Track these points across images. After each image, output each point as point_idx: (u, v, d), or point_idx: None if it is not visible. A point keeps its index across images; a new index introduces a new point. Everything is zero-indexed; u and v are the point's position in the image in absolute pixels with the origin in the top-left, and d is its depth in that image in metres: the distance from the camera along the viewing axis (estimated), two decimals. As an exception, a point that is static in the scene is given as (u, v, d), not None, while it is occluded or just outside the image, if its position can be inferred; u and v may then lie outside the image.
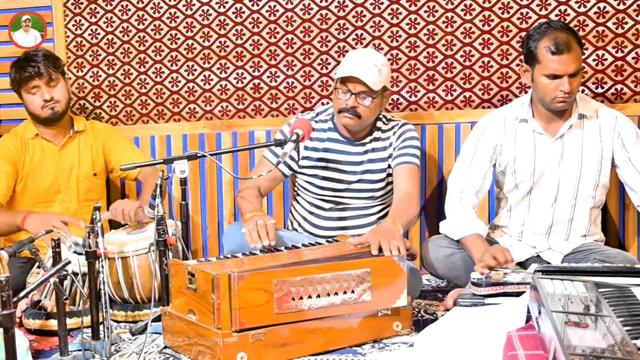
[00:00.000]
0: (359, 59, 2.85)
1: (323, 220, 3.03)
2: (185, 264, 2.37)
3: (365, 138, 2.97)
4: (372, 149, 2.97)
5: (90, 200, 3.26)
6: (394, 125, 3.00)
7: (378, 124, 2.99)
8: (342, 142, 2.97)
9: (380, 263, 2.41)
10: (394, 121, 3.02)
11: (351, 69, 2.80)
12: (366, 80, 2.78)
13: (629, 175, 2.82)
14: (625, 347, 1.62)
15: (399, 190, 2.87)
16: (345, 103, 2.82)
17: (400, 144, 2.95)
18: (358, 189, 2.98)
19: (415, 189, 2.86)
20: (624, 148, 2.80)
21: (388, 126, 3.00)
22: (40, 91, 3.13)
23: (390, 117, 3.04)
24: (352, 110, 2.82)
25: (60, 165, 3.22)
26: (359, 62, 2.83)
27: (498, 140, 2.90)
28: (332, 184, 2.98)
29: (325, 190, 2.99)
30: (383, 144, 2.97)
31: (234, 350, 2.20)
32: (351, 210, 3.01)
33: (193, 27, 3.51)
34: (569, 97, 2.71)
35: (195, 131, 3.57)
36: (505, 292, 2.41)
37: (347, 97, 2.82)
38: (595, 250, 2.78)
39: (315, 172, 2.98)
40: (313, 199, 3.03)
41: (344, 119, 2.85)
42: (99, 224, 2.44)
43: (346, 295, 2.36)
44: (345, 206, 3.01)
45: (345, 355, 2.32)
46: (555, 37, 2.68)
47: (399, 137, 2.96)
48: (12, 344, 1.83)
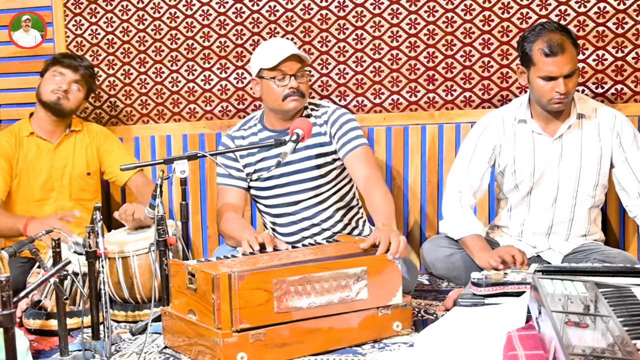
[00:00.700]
0: (280, 44, 2.93)
1: (287, 227, 3.00)
2: (186, 264, 2.37)
3: None
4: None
5: (83, 199, 3.27)
6: (324, 112, 2.96)
7: (305, 111, 2.96)
8: (274, 136, 2.93)
9: (376, 261, 2.42)
10: (324, 107, 2.98)
11: (282, 52, 2.82)
12: (301, 55, 2.85)
13: (624, 175, 2.82)
14: (625, 347, 1.62)
15: (358, 179, 2.81)
16: (288, 88, 2.82)
17: (338, 132, 2.90)
18: (301, 179, 2.93)
19: (372, 168, 2.81)
20: (621, 147, 2.81)
21: (319, 111, 2.97)
22: (62, 78, 3.18)
23: (319, 103, 3.03)
24: (297, 91, 2.83)
25: (54, 163, 3.23)
26: (282, 45, 2.89)
27: (497, 141, 2.91)
28: (276, 181, 2.94)
29: (272, 190, 2.96)
30: (317, 130, 2.92)
31: (234, 350, 2.20)
32: (309, 209, 2.96)
33: (193, 27, 3.52)
34: (565, 98, 2.71)
35: (196, 131, 3.57)
36: (506, 292, 2.41)
37: (286, 81, 2.83)
38: (595, 250, 2.78)
39: (259, 175, 2.92)
40: (268, 208, 3.01)
41: (290, 103, 2.84)
42: (99, 224, 2.44)
43: (344, 294, 2.36)
44: (301, 205, 2.96)
45: (345, 355, 2.32)
46: (549, 38, 2.68)
47: (333, 125, 2.92)
48: (12, 344, 1.83)
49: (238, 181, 2.97)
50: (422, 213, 3.43)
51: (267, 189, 2.98)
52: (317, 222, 2.98)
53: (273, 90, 2.85)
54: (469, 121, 3.28)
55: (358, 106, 3.40)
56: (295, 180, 2.95)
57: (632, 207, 2.82)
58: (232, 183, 2.97)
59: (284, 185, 2.96)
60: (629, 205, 2.84)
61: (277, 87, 2.84)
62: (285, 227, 3.01)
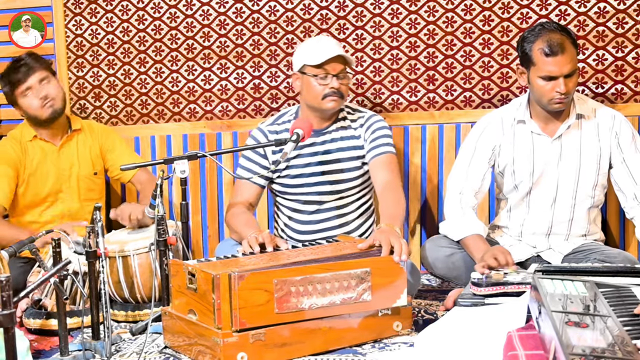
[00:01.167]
0: (327, 42, 2.92)
1: (301, 225, 3.02)
2: (186, 264, 2.37)
3: (331, 126, 2.96)
4: (341, 137, 2.96)
5: (91, 199, 3.26)
6: (361, 116, 2.99)
7: (342, 113, 2.98)
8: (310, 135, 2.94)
9: (380, 263, 2.41)
10: (361, 112, 3.02)
11: (328, 52, 2.83)
12: (346, 56, 2.85)
13: (621, 176, 2.82)
14: (626, 347, 1.62)
15: (378, 184, 2.85)
16: (328, 87, 2.83)
17: (371, 136, 2.93)
18: (330, 181, 2.95)
19: (394, 175, 2.84)
20: (619, 148, 2.81)
21: (355, 116, 3.00)
22: (33, 91, 3.11)
23: (356, 107, 3.05)
24: (337, 92, 2.84)
25: (60, 165, 3.22)
26: (329, 44, 2.89)
27: (496, 141, 2.91)
28: (304, 180, 2.96)
29: (299, 188, 2.98)
30: (352, 133, 2.96)
31: (234, 350, 2.20)
32: (329, 211, 2.99)
33: (193, 27, 3.52)
34: (566, 98, 2.71)
35: (196, 131, 3.57)
36: (506, 292, 2.41)
37: (327, 80, 2.83)
38: (595, 250, 2.78)
39: (288, 172, 2.96)
40: (291, 202, 3.02)
41: (329, 102, 2.85)
42: (99, 224, 2.44)
43: (346, 295, 2.36)
44: (323, 206, 2.98)
45: (345, 355, 2.32)
46: (549, 38, 2.68)
47: (368, 129, 2.95)
48: (13, 343, 1.83)
49: (257, 178, 2.97)
50: (422, 213, 3.43)
51: (293, 187, 2.99)
52: (335, 224, 3.00)
53: (314, 88, 2.86)
54: (469, 121, 3.28)
55: (359, 105, 3.40)
56: (322, 180, 2.96)
57: (629, 208, 2.82)
58: (251, 179, 2.96)
59: (311, 185, 2.97)
60: (626, 207, 2.84)
61: (318, 85, 2.85)
62: (302, 224, 3.02)
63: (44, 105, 3.12)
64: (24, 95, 3.12)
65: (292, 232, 3.05)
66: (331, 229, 2.99)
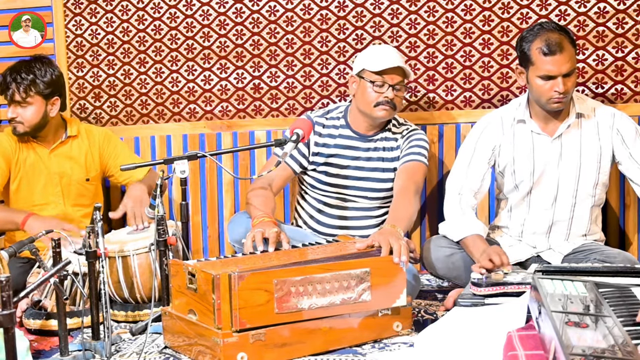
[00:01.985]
0: (390, 52, 2.95)
1: (328, 218, 3.05)
2: (186, 264, 2.37)
3: (377, 135, 3.00)
4: (383, 147, 2.99)
5: (81, 205, 3.25)
6: (405, 129, 3.03)
7: (389, 124, 3.02)
8: (354, 138, 3.00)
9: (380, 263, 2.42)
10: (406, 125, 3.06)
11: (389, 61, 2.85)
12: (406, 69, 2.88)
13: (632, 171, 2.82)
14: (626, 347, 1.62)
15: (395, 188, 2.89)
16: (383, 96, 2.85)
17: (407, 145, 2.97)
18: (365, 187, 3.00)
19: (411, 183, 2.86)
20: (624, 144, 2.81)
21: (400, 129, 3.03)
22: (9, 108, 3.11)
23: (402, 121, 3.08)
24: (390, 102, 2.86)
25: (51, 169, 3.20)
26: (392, 54, 2.92)
27: (496, 141, 2.91)
28: (340, 181, 3.00)
29: (333, 187, 3.01)
30: (393, 144, 3.00)
31: (235, 350, 2.20)
32: (356, 211, 3.03)
33: (193, 27, 3.52)
34: (564, 98, 2.72)
35: (196, 131, 3.57)
36: (506, 292, 2.41)
37: (383, 89, 2.85)
38: (595, 251, 2.78)
39: (326, 169, 3.00)
40: (321, 196, 3.05)
41: (380, 111, 2.87)
42: (99, 224, 2.44)
43: (346, 295, 2.36)
44: (351, 204, 3.03)
45: (345, 355, 2.32)
46: (547, 38, 2.68)
47: (406, 140, 2.99)
48: (13, 344, 1.83)
49: (293, 162, 2.99)
50: (422, 213, 3.43)
51: (327, 184, 3.01)
52: (361, 225, 3.03)
53: (368, 94, 2.88)
54: (469, 121, 3.28)
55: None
56: (357, 185, 3.00)
57: None
58: (287, 161, 2.96)
59: (345, 187, 3.01)
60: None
61: (373, 92, 2.87)
62: (329, 217, 3.05)
63: (11, 122, 3.12)
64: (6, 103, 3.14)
65: (316, 224, 3.07)
66: (357, 228, 3.01)
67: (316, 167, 3.01)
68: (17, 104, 3.09)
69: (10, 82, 3.08)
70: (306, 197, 3.11)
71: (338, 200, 3.03)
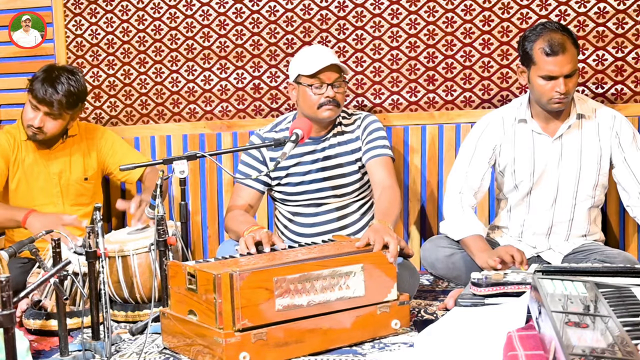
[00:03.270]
0: (321, 51, 2.95)
1: (303, 228, 3.04)
2: (185, 264, 2.37)
3: (329, 134, 2.98)
4: (338, 142, 2.98)
5: (80, 204, 3.25)
6: (357, 118, 3.02)
7: (337, 119, 3.00)
8: (308, 143, 2.97)
9: (372, 259, 2.44)
10: (356, 114, 3.04)
11: (322, 61, 2.84)
12: (340, 65, 2.86)
13: (624, 176, 2.82)
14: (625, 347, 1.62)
15: (377, 186, 2.87)
16: (324, 97, 2.84)
17: (367, 137, 2.96)
18: (333, 186, 2.98)
19: (392, 180, 2.87)
20: (620, 147, 2.81)
21: (351, 119, 3.02)
22: (35, 114, 3.05)
23: (351, 112, 3.07)
24: (333, 100, 2.85)
25: (50, 169, 3.20)
26: (323, 54, 2.90)
27: (497, 141, 2.91)
28: (307, 187, 2.99)
29: (302, 195, 3.00)
30: (349, 137, 2.98)
31: (237, 350, 2.20)
32: (331, 212, 3.01)
33: (193, 28, 3.52)
34: (565, 98, 2.72)
35: (196, 131, 3.57)
36: (506, 292, 2.41)
37: (323, 90, 2.84)
38: (595, 251, 2.78)
39: (289, 180, 2.99)
40: (293, 207, 3.04)
41: (325, 112, 2.86)
42: (99, 224, 2.44)
43: (341, 291, 2.38)
44: (324, 208, 3.01)
45: (345, 356, 2.32)
46: (550, 38, 2.68)
47: (364, 130, 2.97)
48: (12, 344, 1.83)
49: (256, 183, 2.99)
50: (422, 213, 3.43)
51: (294, 194, 3.01)
52: (336, 226, 3.02)
53: (309, 98, 2.87)
54: (469, 121, 3.28)
55: (358, 106, 3.40)
56: (324, 186, 2.99)
57: (633, 206, 2.82)
58: (250, 184, 2.98)
59: (312, 192, 2.99)
60: (630, 205, 2.84)
61: (313, 95, 2.86)
62: (302, 226, 3.04)
63: (29, 127, 3.08)
64: (30, 105, 3.07)
65: (292, 234, 3.06)
66: (332, 231, 2.99)
67: (279, 181, 3.00)
68: (48, 115, 3.05)
69: (52, 93, 3.00)
70: (280, 211, 3.11)
71: (310, 208, 3.02)
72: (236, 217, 2.89)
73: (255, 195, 3.00)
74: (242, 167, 3.03)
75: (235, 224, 2.85)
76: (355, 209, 3.04)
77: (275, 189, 3.03)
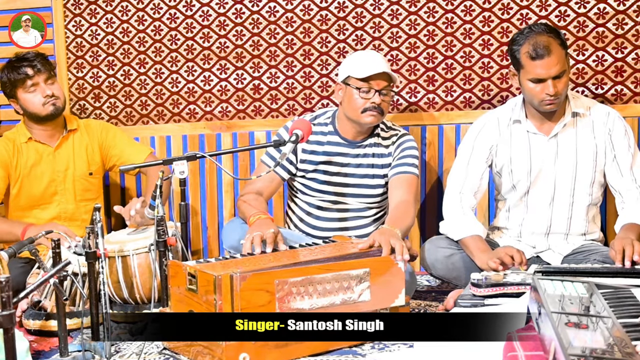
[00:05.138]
0: (374, 57, 2.93)
1: (320, 221, 3.04)
2: (185, 264, 2.37)
3: (365, 141, 2.98)
4: (373, 154, 2.98)
5: (87, 200, 3.26)
6: (394, 134, 3.02)
7: (377, 129, 3.00)
8: (343, 144, 2.98)
9: (379, 263, 2.42)
10: (394, 130, 3.04)
11: (374, 67, 2.84)
12: (391, 74, 2.86)
13: (613, 175, 2.83)
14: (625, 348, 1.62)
15: (393, 199, 2.88)
16: (370, 102, 2.85)
17: (399, 154, 2.96)
18: (357, 194, 3.00)
19: (411, 196, 2.87)
20: (611, 144, 2.82)
21: (388, 134, 3.02)
22: (39, 88, 3.11)
23: (390, 125, 3.06)
24: (378, 107, 2.85)
25: (55, 167, 3.21)
26: (376, 60, 2.90)
27: (493, 142, 2.91)
28: (331, 187, 2.99)
29: (324, 194, 3.01)
30: (383, 151, 2.99)
31: (236, 351, 2.20)
32: (349, 212, 3.03)
33: (193, 28, 3.52)
34: (557, 99, 2.73)
35: (195, 132, 3.57)
36: (505, 293, 2.41)
37: (370, 95, 2.84)
38: (595, 251, 2.78)
39: (315, 176, 2.99)
40: (312, 199, 3.04)
41: (368, 117, 2.87)
42: (99, 224, 2.43)
43: (346, 295, 2.36)
44: (343, 207, 3.02)
45: (345, 356, 2.32)
46: (535, 41, 2.69)
47: (398, 147, 2.98)
48: (12, 344, 1.83)
49: (281, 169, 2.98)
50: (422, 213, 3.43)
51: (317, 191, 3.01)
52: (353, 225, 3.03)
53: (355, 101, 2.87)
54: (469, 122, 3.28)
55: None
56: (347, 192, 3.00)
57: (617, 204, 2.85)
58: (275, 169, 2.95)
59: (334, 194, 3.00)
60: (618, 204, 2.86)
61: (359, 99, 2.86)
62: (320, 220, 3.05)
63: (47, 103, 3.12)
64: (27, 91, 3.11)
65: (307, 227, 3.07)
66: (349, 229, 3.02)
67: (305, 174, 3.01)
68: (45, 80, 3.12)
69: (33, 62, 3.11)
70: (296, 201, 3.11)
71: (329, 203, 3.03)
72: (249, 200, 2.90)
73: (275, 179, 3.00)
74: (272, 150, 3.01)
75: (245, 206, 2.87)
76: (372, 214, 3.05)
77: (298, 180, 3.04)
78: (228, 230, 2.92)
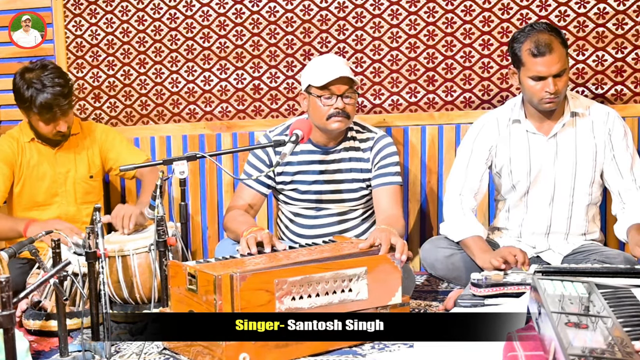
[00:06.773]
0: (332, 62, 2.89)
1: (305, 229, 3.04)
2: (185, 264, 2.37)
3: (339, 145, 2.97)
4: (350, 158, 2.96)
5: (88, 202, 3.25)
6: (370, 137, 2.98)
7: (350, 132, 2.98)
8: (317, 152, 2.96)
9: (376, 261, 2.43)
10: (370, 131, 3.01)
11: (332, 72, 2.81)
12: (351, 76, 2.82)
13: (612, 175, 2.83)
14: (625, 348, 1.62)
15: (380, 213, 2.87)
16: (333, 108, 2.82)
17: (379, 162, 2.94)
18: (338, 199, 2.99)
19: (398, 209, 2.87)
20: (610, 144, 2.82)
21: (364, 135, 2.99)
22: (55, 123, 3.06)
23: (364, 125, 3.04)
24: (342, 112, 2.83)
25: (56, 169, 3.20)
26: (334, 64, 2.86)
27: (492, 142, 2.91)
28: (312, 196, 2.99)
29: (306, 202, 3.01)
30: (360, 155, 2.97)
31: (236, 351, 2.20)
32: (334, 217, 3.02)
33: (193, 28, 3.52)
34: (556, 98, 2.73)
35: (195, 132, 3.57)
36: (505, 293, 2.42)
37: (332, 101, 2.82)
38: (595, 251, 2.78)
39: (295, 186, 2.99)
40: (295, 208, 3.04)
41: (334, 123, 2.84)
42: (99, 224, 2.43)
43: (344, 294, 2.37)
44: (327, 212, 3.02)
45: (345, 356, 2.32)
46: (537, 39, 2.70)
47: (377, 154, 2.95)
48: (12, 344, 1.83)
49: (258, 185, 2.98)
50: (422, 213, 3.43)
51: (298, 200, 3.01)
52: (336, 230, 3.02)
53: (319, 108, 2.85)
54: (469, 122, 3.28)
55: (358, 107, 3.40)
56: (329, 199, 2.99)
57: (614, 204, 2.85)
58: (252, 185, 2.98)
59: (316, 202, 3.00)
60: (616, 204, 2.86)
61: (323, 106, 2.84)
62: (303, 228, 3.05)
63: (55, 135, 3.10)
64: (43, 120, 3.05)
65: (292, 235, 3.06)
66: (332, 233, 3.00)
67: (284, 186, 3.00)
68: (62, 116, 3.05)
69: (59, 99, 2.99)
70: (283, 210, 3.12)
71: (312, 211, 3.02)
72: (236, 217, 2.89)
73: (257, 196, 3.00)
74: (247, 167, 3.02)
75: (234, 224, 2.85)
76: (356, 216, 3.04)
77: (280, 192, 3.04)
78: (220, 251, 2.87)
